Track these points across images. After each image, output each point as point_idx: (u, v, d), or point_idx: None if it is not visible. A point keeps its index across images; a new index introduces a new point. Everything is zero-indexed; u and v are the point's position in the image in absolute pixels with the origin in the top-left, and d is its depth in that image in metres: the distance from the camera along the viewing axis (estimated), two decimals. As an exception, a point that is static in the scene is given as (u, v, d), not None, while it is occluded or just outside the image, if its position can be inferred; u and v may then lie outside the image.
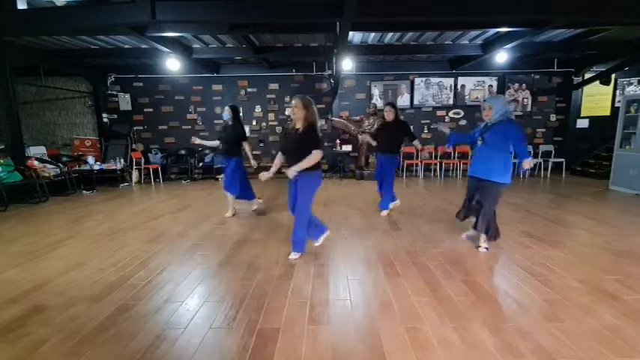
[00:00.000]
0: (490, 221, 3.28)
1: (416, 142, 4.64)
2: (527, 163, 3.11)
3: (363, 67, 8.50)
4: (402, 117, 8.24)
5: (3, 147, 5.99)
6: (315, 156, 2.96)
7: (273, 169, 3.22)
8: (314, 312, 2.28)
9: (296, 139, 3.04)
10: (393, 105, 4.57)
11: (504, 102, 3.24)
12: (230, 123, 4.57)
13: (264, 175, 3.17)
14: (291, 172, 2.99)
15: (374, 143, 4.88)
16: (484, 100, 3.24)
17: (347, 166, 8.73)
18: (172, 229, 4.25)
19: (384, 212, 4.77)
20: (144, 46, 6.67)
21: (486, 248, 3.35)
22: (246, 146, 4.65)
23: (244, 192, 4.79)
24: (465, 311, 2.27)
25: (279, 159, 3.24)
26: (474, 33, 6.40)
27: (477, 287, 2.61)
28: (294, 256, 3.23)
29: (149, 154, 8.58)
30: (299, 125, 3.06)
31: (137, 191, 7.18)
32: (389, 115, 4.54)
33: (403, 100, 8.64)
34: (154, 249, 3.55)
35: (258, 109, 8.77)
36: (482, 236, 3.37)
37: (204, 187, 7.45)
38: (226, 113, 4.55)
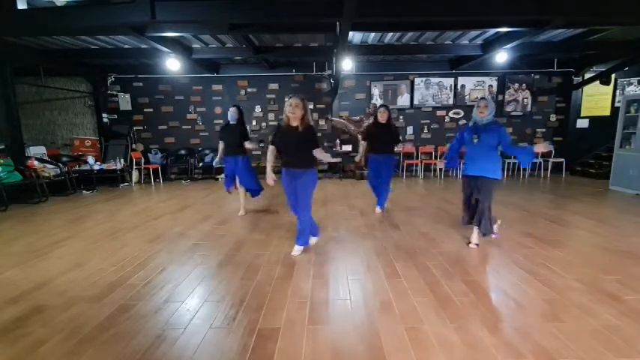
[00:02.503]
0: (491, 221, 3.32)
1: (398, 147, 4.67)
2: (542, 146, 3.18)
3: (363, 67, 8.49)
4: (399, 119, 8.30)
5: (3, 147, 5.99)
6: (322, 154, 3.15)
7: (270, 166, 3.26)
8: (314, 312, 2.28)
9: (299, 139, 3.06)
10: (387, 107, 4.58)
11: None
12: (234, 123, 4.57)
13: (271, 180, 3.22)
14: (324, 155, 3.18)
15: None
16: (482, 98, 3.27)
17: (347, 166, 8.74)
18: (172, 229, 4.25)
19: (379, 210, 4.79)
20: (144, 46, 6.67)
21: (476, 244, 3.40)
22: (249, 145, 4.67)
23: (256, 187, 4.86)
24: (465, 311, 2.27)
25: (272, 154, 3.26)
26: (474, 33, 6.40)
27: (477, 287, 2.61)
28: (297, 251, 3.30)
29: (149, 154, 8.58)
30: (296, 124, 3.06)
31: (137, 191, 7.18)
32: (383, 117, 4.52)
33: (403, 100, 8.64)
34: (153, 249, 3.55)
35: (258, 109, 8.77)
36: (476, 232, 3.41)
37: (204, 187, 7.45)
38: (232, 114, 4.56)
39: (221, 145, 4.75)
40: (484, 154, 3.24)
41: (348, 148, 8.35)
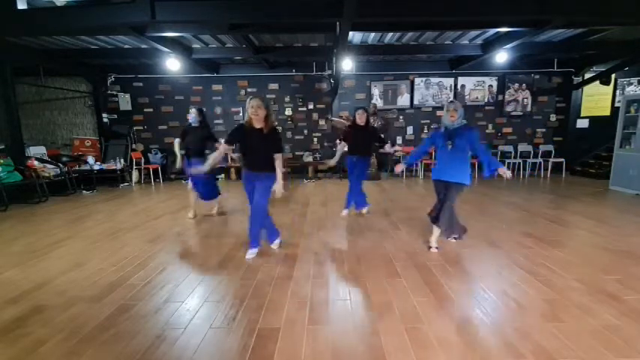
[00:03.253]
0: (453, 220, 3.29)
1: (387, 146, 4.62)
2: (504, 172, 3.07)
3: (363, 67, 8.50)
4: (399, 119, 8.25)
5: (3, 147, 5.99)
6: (281, 160, 3.15)
7: (212, 162, 3.26)
8: (314, 312, 2.28)
9: (263, 141, 3.04)
10: (365, 110, 4.53)
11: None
12: (196, 125, 4.47)
13: (279, 191, 3.18)
14: (279, 191, 3.13)
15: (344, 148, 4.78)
16: (451, 101, 3.20)
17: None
18: (172, 229, 4.25)
19: (364, 209, 4.80)
20: (144, 46, 6.67)
21: (437, 248, 3.37)
22: (221, 147, 4.55)
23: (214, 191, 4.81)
24: (464, 311, 2.27)
25: (225, 148, 3.23)
26: (473, 33, 6.40)
27: (477, 287, 2.61)
28: (251, 254, 3.26)
29: (149, 154, 8.58)
30: (260, 125, 3.03)
31: (137, 191, 7.18)
32: (362, 119, 4.45)
33: (403, 100, 8.65)
34: (153, 249, 3.55)
35: (258, 109, 8.75)
36: (435, 235, 3.38)
37: (204, 187, 7.43)
38: (194, 116, 4.46)
39: (176, 145, 4.69)
40: (457, 160, 3.18)
41: (347, 148, 8.32)
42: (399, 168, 3.64)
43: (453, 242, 3.57)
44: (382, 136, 4.88)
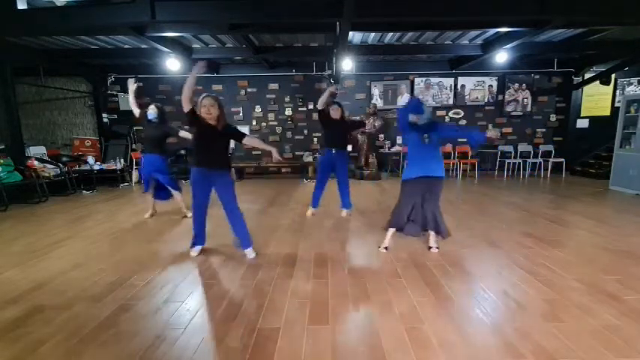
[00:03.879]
0: (441, 218, 3.27)
1: (369, 125, 4.61)
2: (491, 135, 3.08)
3: (363, 67, 8.50)
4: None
5: (3, 147, 5.99)
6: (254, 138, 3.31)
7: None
8: (314, 312, 2.28)
9: (218, 138, 3.04)
10: (339, 104, 4.51)
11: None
12: (156, 121, 4.48)
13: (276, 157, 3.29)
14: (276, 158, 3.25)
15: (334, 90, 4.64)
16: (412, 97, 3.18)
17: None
18: (172, 229, 4.25)
19: (346, 212, 4.75)
20: (144, 46, 6.67)
21: (437, 248, 3.36)
22: (184, 134, 4.53)
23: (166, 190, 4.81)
24: (464, 311, 2.27)
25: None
26: (474, 33, 6.40)
27: (477, 287, 2.61)
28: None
29: (149, 154, 8.57)
30: (213, 123, 3.03)
31: (137, 191, 7.17)
32: (336, 113, 4.44)
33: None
34: (153, 249, 3.55)
35: (258, 109, 8.78)
36: (433, 236, 3.36)
37: (204, 187, 7.43)
38: (153, 112, 4.46)
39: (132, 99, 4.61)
40: (434, 154, 3.14)
41: (348, 148, 8.32)
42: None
43: (454, 242, 3.56)
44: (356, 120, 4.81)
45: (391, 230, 3.36)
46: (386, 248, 3.39)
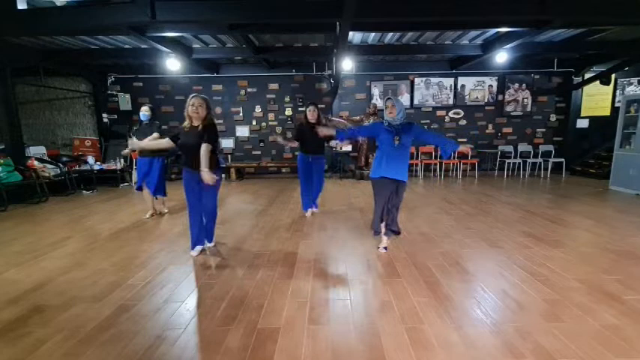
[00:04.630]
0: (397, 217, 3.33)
1: (332, 142, 4.59)
2: (464, 149, 3.20)
3: (363, 67, 8.50)
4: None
5: (3, 147, 5.99)
6: (208, 151, 3.02)
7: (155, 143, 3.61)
8: (314, 312, 2.28)
9: (197, 138, 3.03)
10: (316, 105, 4.47)
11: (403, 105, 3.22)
12: (147, 122, 4.52)
13: (206, 179, 3.13)
14: (209, 178, 2.99)
15: (294, 145, 4.65)
16: (389, 98, 3.13)
17: (347, 166, 8.75)
18: (172, 229, 4.25)
19: (314, 211, 4.85)
20: (144, 46, 6.67)
21: (385, 248, 3.39)
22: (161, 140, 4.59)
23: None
24: (464, 311, 2.27)
25: (156, 140, 3.48)
26: (473, 33, 6.40)
27: (477, 287, 2.61)
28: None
29: (149, 154, 8.57)
30: (198, 123, 3.05)
31: (137, 191, 7.16)
32: (312, 115, 4.38)
33: (403, 100, 8.64)
34: (153, 249, 3.55)
35: (258, 109, 8.78)
36: (384, 237, 3.40)
37: (204, 187, 7.43)
38: (145, 113, 4.50)
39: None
40: (402, 157, 3.14)
41: (348, 148, 8.35)
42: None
43: (454, 242, 3.56)
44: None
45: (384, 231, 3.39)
46: (385, 248, 3.39)
